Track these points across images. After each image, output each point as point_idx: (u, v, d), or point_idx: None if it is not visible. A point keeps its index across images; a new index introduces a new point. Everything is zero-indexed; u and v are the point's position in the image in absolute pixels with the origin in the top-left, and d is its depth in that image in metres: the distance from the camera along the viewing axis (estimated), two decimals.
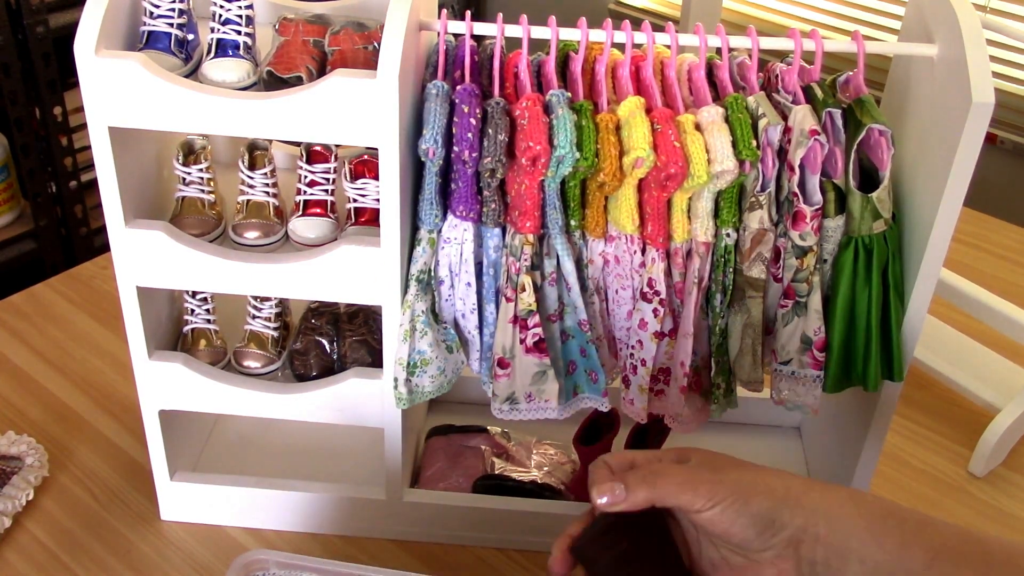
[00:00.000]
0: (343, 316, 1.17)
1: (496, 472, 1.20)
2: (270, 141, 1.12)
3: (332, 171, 1.06)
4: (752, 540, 0.67)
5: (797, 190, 0.92)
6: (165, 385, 1.06)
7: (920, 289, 0.96)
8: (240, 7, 0.98)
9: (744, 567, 0.69)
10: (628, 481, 0.69)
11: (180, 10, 0.97)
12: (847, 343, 0.98)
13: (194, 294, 1.11)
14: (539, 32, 0.93)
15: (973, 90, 0.85)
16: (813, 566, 0.66)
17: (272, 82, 0.94)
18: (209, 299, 1.12)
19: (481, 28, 0.93)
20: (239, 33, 0.97)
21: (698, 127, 0.92)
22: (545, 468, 1.20)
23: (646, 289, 0.97)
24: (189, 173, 1.05)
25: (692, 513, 0.68)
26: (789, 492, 0.67)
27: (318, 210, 1.05)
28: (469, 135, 0.90)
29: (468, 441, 1.24)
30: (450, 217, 0.96)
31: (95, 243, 2.47)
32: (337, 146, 1.08)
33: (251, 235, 1.04)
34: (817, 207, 0.92)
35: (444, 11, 0.94)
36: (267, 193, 1.06)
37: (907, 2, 1.01)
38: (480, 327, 1.01)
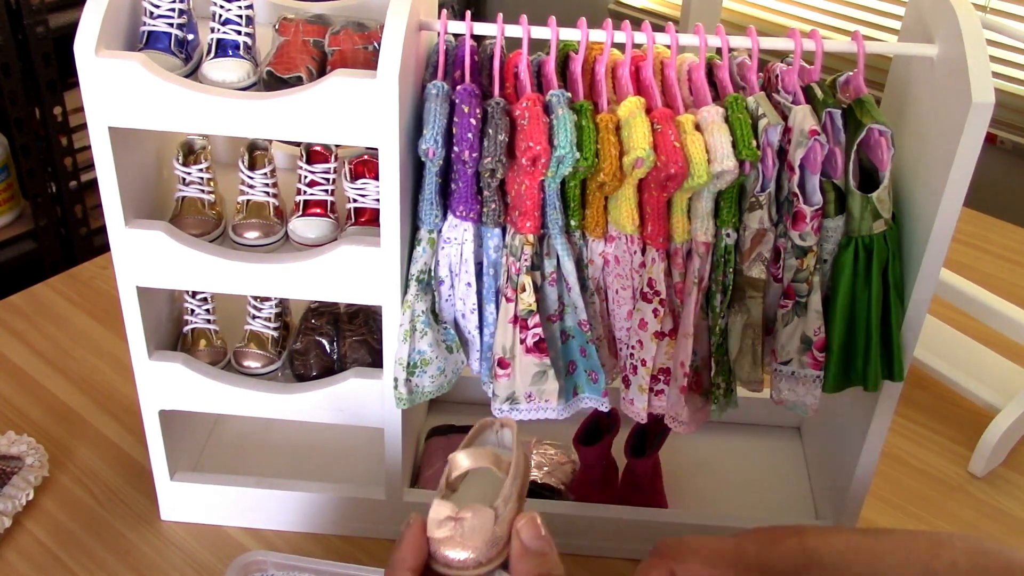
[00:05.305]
0: (343, 316, 1.17)
1: None
2: (270, 141, 1.12)
3: (332, 171, 1.06)
4: None
5: (797, 190, 0.92)
6: (165, 385, 1.06)
7: (920, 289, 0.96)
8: (240, 7, 0.98)
9: None
10: None
11: (180, 10, 0.97)
12: (847, 343, 0.98)
13: (194, 294, 1.11)
14: (539, 32, 0.93)
15: (973, 90, 0.85)
16: None
17: (272, 82, 0.94)
18: (209, 299, 1.12)
19: (481, 28, 0.92)
20: (239, 33, 0.97)
21: (698, 127, 0.92)
22: (545, 468, 1.20)
23: (646, 289, 0.97)
24: (189, 173, 1.05)
25: None
26: None
27: (318, 210, 1.05)
28: (469, 135, 0.90)
29: None
30: (450, 217, 0.96)
31: (95, 243, 2.47)
32: (337, 146, 1.08)
33: (251, 235, 1.04)
34: (817, 207, 0.92)
35: (444, 11, 0.94)
36: (267, 193, 1.06)
37: (907, 2, 1.01)
38: (480, 327, 1.00)
